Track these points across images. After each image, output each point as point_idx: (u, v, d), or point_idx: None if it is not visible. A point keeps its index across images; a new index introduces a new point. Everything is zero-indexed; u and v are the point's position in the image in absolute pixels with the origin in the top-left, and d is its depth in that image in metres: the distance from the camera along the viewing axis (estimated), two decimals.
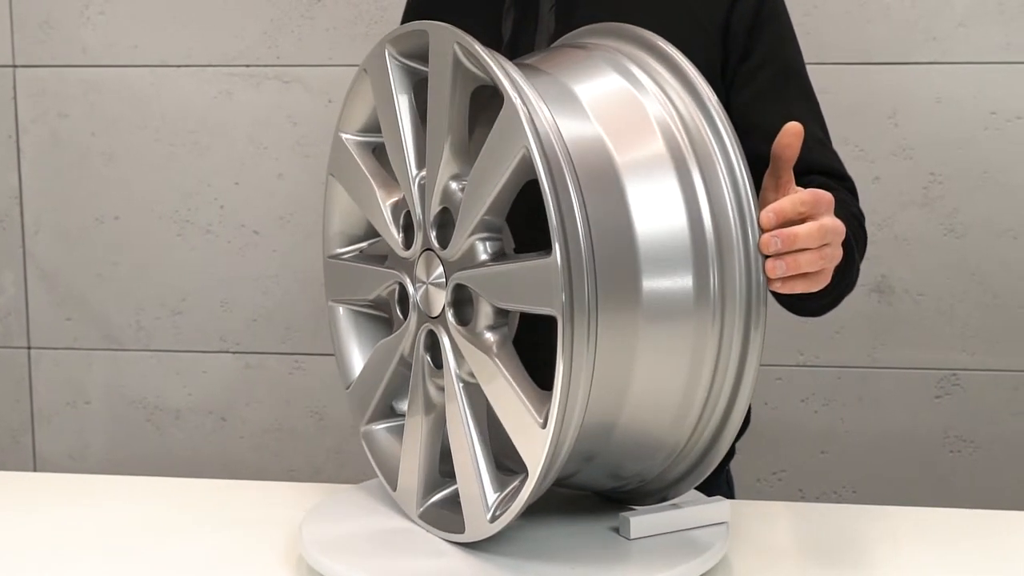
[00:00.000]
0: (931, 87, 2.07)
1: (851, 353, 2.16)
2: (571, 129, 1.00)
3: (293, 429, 2.31)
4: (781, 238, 1.02)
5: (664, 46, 1.10)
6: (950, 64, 2.07)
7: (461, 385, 1.07)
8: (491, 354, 1.03)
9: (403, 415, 1.24)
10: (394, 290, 1.18)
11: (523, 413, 0.99)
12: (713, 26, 1.34)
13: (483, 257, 1.05)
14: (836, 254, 1.08)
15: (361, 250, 1.28)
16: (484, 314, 1.04)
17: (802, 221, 1.05)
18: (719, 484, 1.45)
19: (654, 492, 1.14)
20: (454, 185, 1.06)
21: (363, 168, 1.19)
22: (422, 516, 1.14)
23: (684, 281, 1.00)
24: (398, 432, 1.23)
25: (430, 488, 1.14)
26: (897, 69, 2.08)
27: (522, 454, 1.00)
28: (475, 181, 1.02)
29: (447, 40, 1.04)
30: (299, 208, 2.24)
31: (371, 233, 1.27)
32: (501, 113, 0.98)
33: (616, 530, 1.12)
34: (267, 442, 2.32)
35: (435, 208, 1.07)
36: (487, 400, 1.05)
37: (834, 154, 1.36)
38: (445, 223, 1.09)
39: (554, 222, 0.93)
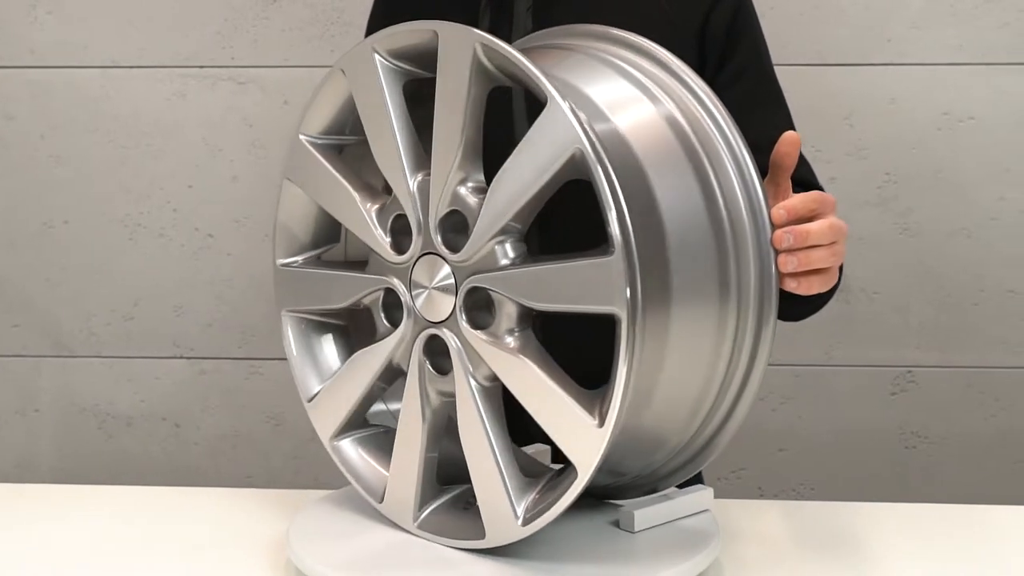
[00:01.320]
0: (885, 88, 2.10)
1: (808, 352, 2.18)
2: (599, 129, 1.00)
3: (249, 435, 2.28)
4: (793, 234, 1.04)
5: (650, 46, 1.12)
6: (904, 65, 2.10)
7: (477, 388, 1.05)
8: (521, 356, 1.02)
9: (377, 426, 1.22)
10: (378, 296, 1.15)
11: (571, 413, 0.98)
12: (689, 31, 1.35)
13: (506, 260, 1.03)
14: (843, 251, 1.11)
15: (319, 256, 1.24)
16: (508, 317, 1.03)
17: (810, 219, 1.07)
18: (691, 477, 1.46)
19: (642, 486, 1.15)
20: (464, 188, 1.05)
21: (335, 172, 1.16)
22: (421, 526, 1.12)
23: (709, 278, 1.00)
24: (374, 442, 1.21)
25: (428, 497, 1.12)
26: (852, 70, 2.10)
27: (569, 454, 0.99)
28: (506, 183, 1.00)
29: (465, 40, 1.02)
30: (255, 211, 2.21)
31: (323, 240, 1.23)
32: (543, 114, 0.97)
33: (615, 524, 1.13)
34: (223, 448, 2.29)
35: (442, 211, 1.06)
36: (498, 403, 1.05)
37: (808, 166, 1.38)
38: (452, 227, 1.07)
39: (614, 221, 0.93)
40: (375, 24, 1.51)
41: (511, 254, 1.03)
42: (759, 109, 1.34)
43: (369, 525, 1.16)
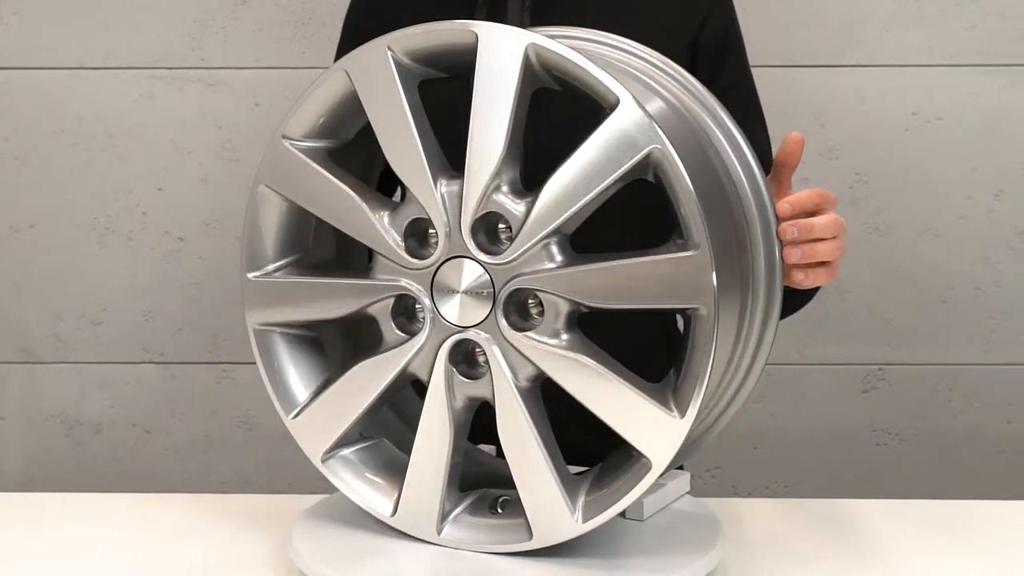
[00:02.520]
0: (856, 89, 2.13)
1: (781, 350, 2.20)
2: None
3: (222, 440, 2.26)
4: (798, 227, 1.08)
5: (640, 48, 1.14)
6: (874, 67, 2.12)
7: (519, 390, 1.05)
8: (579, 355, 1.02)
9: (372, 438, 1.19)
10: (388, 304, 1.11)
11: (643, 407, 1.00)
12: (683, 42, 1.37)
13: (555, 261, 1.03)
14: (844, 246, 1.15)
15: (292, 265, 1.18)
16: (556, 317, 1.04)
17: (814, 214, 1.09)
18: None
19: None
20: (502, 191, 1.04)
21: (333, 178, 1.11)
22: (447, 535, 1.10)
23: (735, 271, 1.02)
24: (369, 456, 1.17)
25: (451, 506, 1.11)
26: (824, 72, 2.12)
27: (640, 447, 1.01)
28: (564, 184, 1.01)
29: (515, 41, 1.01)
30: (225, 214, 2.19)
31: (292, 248, 1.17)
32: (615, 115, 0.98)
33: (620, 515, 1.14)
34: (194, 454, 2.26)
35: (476, 215, 1.05)
36: (539, 403, 1.06)
37: None
38: (484, 229, 1.06)
39: (698, 217, 0.96)
40: (357, 20, 1.49)
41: (560, 255, 1.03)
42: (744, 126, 1.37)
43: (382, 539, 1.13)
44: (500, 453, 1.09)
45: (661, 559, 1.07)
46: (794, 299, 1.30)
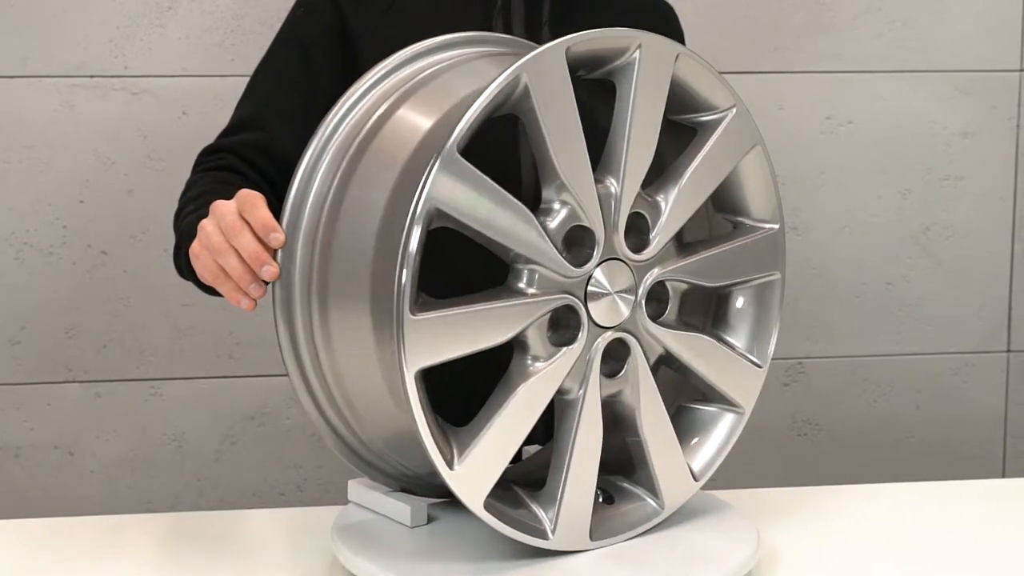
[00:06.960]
0: (775, 94, 2.22)
1: None
2: None
3: (149, 458, 2.19)
4: None
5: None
6: (790, 73, 2.22)
7: (651, 375, 1.13)
8: (697, 333, 1.17)
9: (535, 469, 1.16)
10: (546, 319, 1.05)
11: (740, 363, 1.19)
12: None
13: (678, 252, 1.13)
14: None
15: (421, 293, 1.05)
16: (678, 303, 1.16)
17: None
18: None
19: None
20: (641, 190, 1.12)
21: (499, 189, 1.02)
22: (598, 539, 1.11)
23: None
24: (503, 482, 1.07)
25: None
26: (744, 77, 2.21)
27: (736, 396, 1.20)
28: (697, 181, 1.12)
29: (669, 51, 1.11)
30: (152, 225, 2.13)
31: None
32: (733, 118, 1.15)
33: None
34: (121, 474, 2.19)
35: (627, 214, 1.09)
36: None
37: None
38: (629, 229, 1.11)
39: (776, 200, 1.21)
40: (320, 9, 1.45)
41: (677, 246, 1.13)
42: None
43: (490, 564, 1.07)
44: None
45: (713, 551, 1.15)
46: None
